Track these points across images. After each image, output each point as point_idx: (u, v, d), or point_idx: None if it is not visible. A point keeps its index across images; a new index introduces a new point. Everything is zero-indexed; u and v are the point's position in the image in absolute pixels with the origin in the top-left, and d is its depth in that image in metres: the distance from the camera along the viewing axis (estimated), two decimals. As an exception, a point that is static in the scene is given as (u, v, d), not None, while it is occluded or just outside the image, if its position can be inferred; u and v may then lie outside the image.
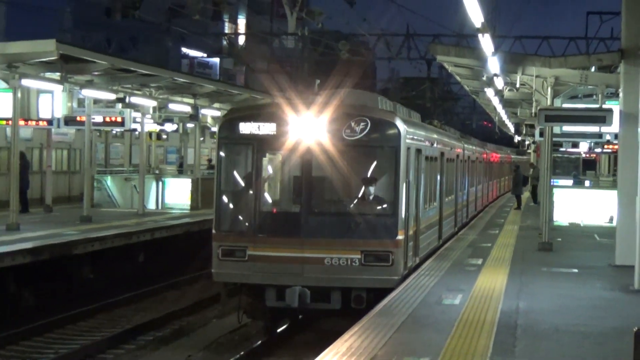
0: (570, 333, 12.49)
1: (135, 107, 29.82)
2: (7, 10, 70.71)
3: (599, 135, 30.34)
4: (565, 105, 26.41)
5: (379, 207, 17.07)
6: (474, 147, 36.78)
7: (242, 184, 17.55)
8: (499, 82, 28.28)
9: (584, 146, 42.72)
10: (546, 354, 11.25)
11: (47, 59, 23.27)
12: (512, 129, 70.25)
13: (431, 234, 21.79)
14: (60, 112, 28.90)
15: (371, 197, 17.00)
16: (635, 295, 16.09)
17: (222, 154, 17.53)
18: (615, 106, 22.22)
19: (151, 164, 39.01)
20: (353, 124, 16.86)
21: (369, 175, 17.10)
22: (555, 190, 29.93)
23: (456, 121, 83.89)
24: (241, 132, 17.16)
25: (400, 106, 21.26)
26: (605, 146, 40.67)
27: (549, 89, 23.48)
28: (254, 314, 17.74)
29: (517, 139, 72.31)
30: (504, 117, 53.96)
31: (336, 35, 47.24)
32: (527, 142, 61.57)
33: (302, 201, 17.01)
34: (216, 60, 75.98)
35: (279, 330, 18.56)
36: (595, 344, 11.90)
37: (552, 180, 25.99)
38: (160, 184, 34.31)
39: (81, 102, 29.02)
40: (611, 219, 28.95)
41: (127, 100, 28.70)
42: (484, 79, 29.69)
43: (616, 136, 25.11)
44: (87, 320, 20.95)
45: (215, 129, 33.51)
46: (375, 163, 17.21)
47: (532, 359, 10.95)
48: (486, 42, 20.18)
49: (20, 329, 18.97)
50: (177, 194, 34.29)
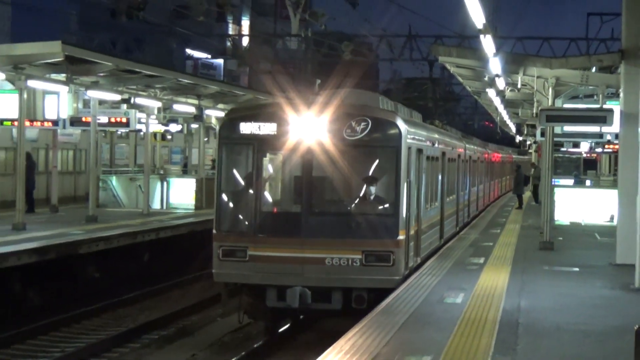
0: (571, 331, 12.52)
1: (140, 107, 29.94)
2: (13, 12, 70.79)
3: (600, 135, 30.33)
4: (566, 106, 26.46)
5: (379, 207, 17.00)
6: (475, 147, 36.82)
7: (243, 184, 17.41)
8: (501, 83, 28.31)
9: (584, 146, 42.76)
10: (547, 352, 11.28)
11: (53, 60, 23.42)
12: (513, 129, 70.35)
13: (432, 233, 21.74)
14: (65, 113, 29.06)
15: (372, 197, 16.91)
16: (635, 294, 16.13)
17: (222, 154, 17.43)
18: (615, 106, 22.23)
19: (156, 164, 39.07)
20: (354, 123, 16.74)
21: (369, 175, 17.01)
22: (556, 190, 29.94)
23: (458, 121, 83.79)
24: (242, 132, 17.03)
25: (401, 106, 21.19)
26: (606, 146, 40.66)
27: (550, 89, 23.54)
28: (254, 314, 17.64)
29: (518, 139, 72.43)
30: (506, 117, 53.97)
31: (339, 37, 47.27)
32: (528, 142, 61.56)
33: (303, 201, 16.91)
34: (220, 61, 75.95)
35: (280, 331, 18.50)
36: (596, 343, 11.93)
37: (553, 180, 26.03)
38: (165, 184, 34.37)
39: (86, 103, 29.18)
40: (612, 218, 29.07)
41: (132, 101, 28.78)
42: (486, 79, 29.70)
43: (617, 136, 25.15)
44: (93, 319, 21.05)
45: (219, 129, 33.52)
46: (376, 163, 17.10)
47: (534, 357, 10.98)
48: (488, 43, 20.28)
49: (27, 328, 19.08)
50: (181, 193, 34.35)
